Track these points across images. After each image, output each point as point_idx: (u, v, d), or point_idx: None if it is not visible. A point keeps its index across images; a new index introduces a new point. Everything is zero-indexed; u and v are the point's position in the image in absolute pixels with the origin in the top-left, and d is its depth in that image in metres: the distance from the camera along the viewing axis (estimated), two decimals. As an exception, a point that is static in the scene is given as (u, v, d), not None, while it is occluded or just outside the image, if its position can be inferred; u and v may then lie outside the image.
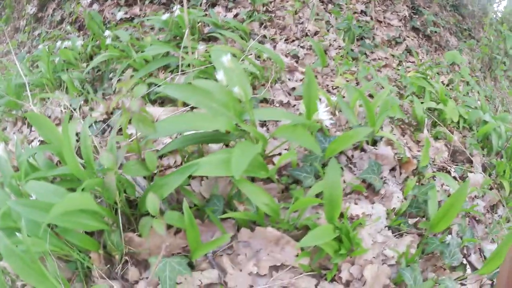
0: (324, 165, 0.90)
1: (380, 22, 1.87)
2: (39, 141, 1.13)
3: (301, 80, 1.24)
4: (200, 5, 1.63)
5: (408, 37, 1.94)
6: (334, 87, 1.27)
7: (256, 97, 1.02)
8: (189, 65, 1.09)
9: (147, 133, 0.64)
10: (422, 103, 1.44)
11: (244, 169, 0.65)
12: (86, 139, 0.82)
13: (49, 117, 1.25)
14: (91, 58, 1.48)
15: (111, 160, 0.66)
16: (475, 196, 1.24)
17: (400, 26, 1.93)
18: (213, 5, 1.65)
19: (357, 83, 1.37)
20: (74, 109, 1.13)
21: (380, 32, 1.81)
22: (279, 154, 0.95)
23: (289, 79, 1.22)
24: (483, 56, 2.47)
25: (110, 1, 1.73)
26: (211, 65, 1.10)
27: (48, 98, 1.35)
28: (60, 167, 0.85)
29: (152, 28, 1.53)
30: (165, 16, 1.31)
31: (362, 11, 1.87)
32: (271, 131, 1.00)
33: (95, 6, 1.78)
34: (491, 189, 1.34)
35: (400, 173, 1.13)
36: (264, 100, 1.10)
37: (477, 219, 1.21)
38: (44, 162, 0.89)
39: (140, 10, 1.67)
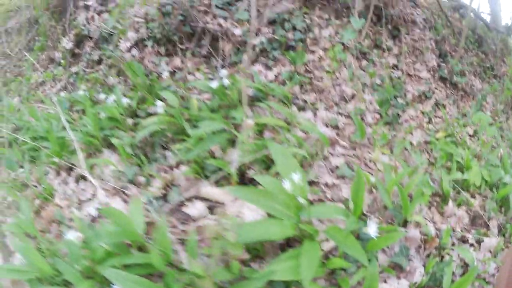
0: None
1: (410, 76, 2.04)
2: (96, 208, 1.31)
3: (342, 154, 1.43)
4: (240, 62, 1.79)
5: (436, 89, 2.12)
6: (371, 161, 1.47)
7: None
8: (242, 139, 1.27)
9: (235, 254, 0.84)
10: (449, 169, 1.64)
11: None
12: (163, 228, 1.01)
13: (102, 179, 1.43)
14: (135, 114, 1.65)
15: (203, 269, 0.86)
16: (488, 259, 1.45)
17: (429, 78, 2.11)
18: (253, 62, 1.81)
19: (392, 151, 1.57)
20: (131, 181, 1.31)
21: (411, 87, 1.99)
22: (326, 239, 1.15)
23: (331, 154, 1.41)
24: (506, 98, 2.66)
25: (150, 49, 1.88)
26: (263, 140, 1.29)
27: (98, 154, 1.52)
28: (137, 254, 1.03)
29: (196, 87, 1.69)
30: (215, 85, 1.47)
31: (394, 65, 2.04)
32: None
33: (134, 52, 1.93)
34: (503, 249, 1.56)
35: (424, 249, 1.34)
36: (311, 182, 1.29)
37: (487, 281, 1.44)
38: (114, 243, 1.06)
39: (182, 62, 1.83)
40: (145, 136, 1.45)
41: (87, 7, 2.27)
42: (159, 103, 1.42)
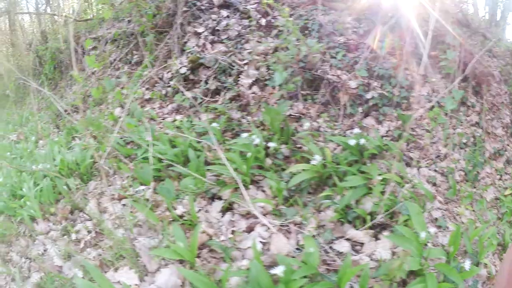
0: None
1: (489, 133, 2.96)
2: (260, 242, 2.13)
3: (439, 208, 2.35)
4: (356, 113, 2.61)
5: (508, 145, 3.05)
6: (458, 214, 2.40)
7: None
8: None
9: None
10: (510, 222, 2.62)
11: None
12: (347, 265, 1.89)
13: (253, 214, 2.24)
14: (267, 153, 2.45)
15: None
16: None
17: (503, 135, 3.04)
18: (366, 115, 2.64)
19: (472, 205, 2.51)
20: (291, 222, 2.15)
21: (489, 145, 2.91)
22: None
23: (431, 207, 2.32)
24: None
25: (271, 89, 2.65)
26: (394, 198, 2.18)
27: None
28: (323, 282, 1.90)
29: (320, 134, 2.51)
30: (352, 142, 2.29)
31: (476, 122, 2.93)
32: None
33: (255, 89, 2.69)
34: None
35: (487, 284, 2.32)
36: (421, 229, 2.20)
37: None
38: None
39: (304, 107, 2.62)
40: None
41: (197, 34, 2.95)
42: (317, 156, 2.22)
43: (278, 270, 1.71)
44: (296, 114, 2.60)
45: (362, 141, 2.32)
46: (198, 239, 2.14)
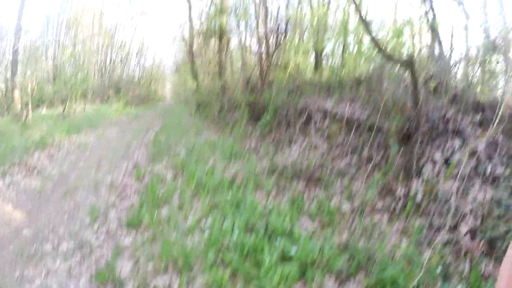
0: None
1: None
2: None
3: None
4: None
5: None
6: None
7: None
8: None
9: None
10: None
11: None
12: None
13: None
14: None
15: None
16: None
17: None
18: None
19: None
20: None
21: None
22: None
23: None
24: None
25: (478, 241, 3.31)
26: None
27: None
28: None
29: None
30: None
31: None
32: None
33: (467, 238, 3.32)
34: None
35: None
36: None
37: None
38: None
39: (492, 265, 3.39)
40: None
41: (433, 161, 3.25)
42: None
43: None
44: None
45: None
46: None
